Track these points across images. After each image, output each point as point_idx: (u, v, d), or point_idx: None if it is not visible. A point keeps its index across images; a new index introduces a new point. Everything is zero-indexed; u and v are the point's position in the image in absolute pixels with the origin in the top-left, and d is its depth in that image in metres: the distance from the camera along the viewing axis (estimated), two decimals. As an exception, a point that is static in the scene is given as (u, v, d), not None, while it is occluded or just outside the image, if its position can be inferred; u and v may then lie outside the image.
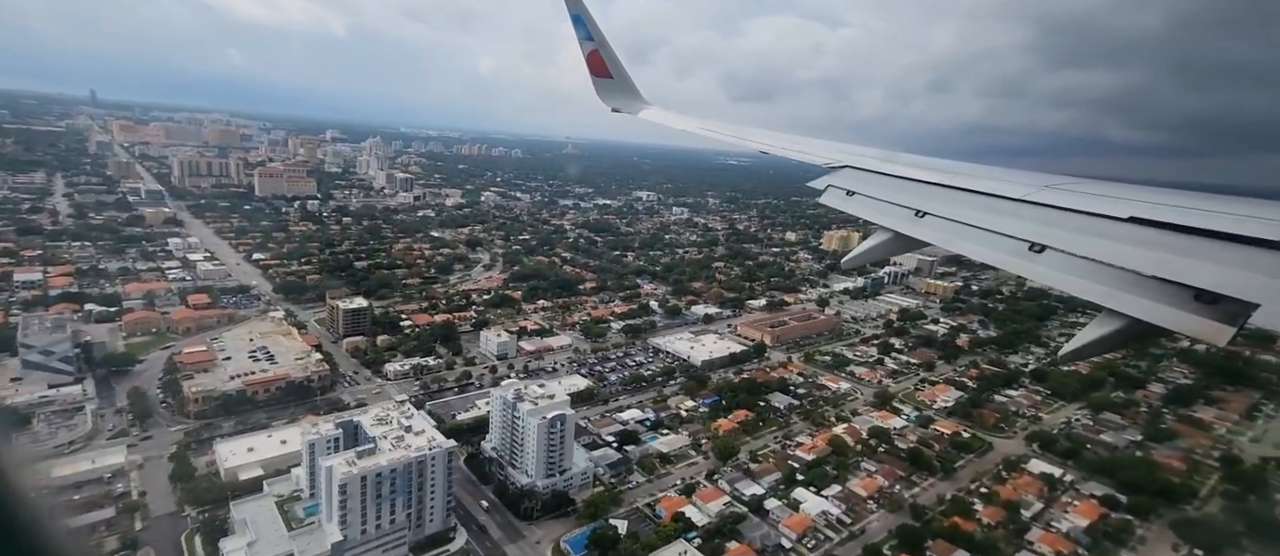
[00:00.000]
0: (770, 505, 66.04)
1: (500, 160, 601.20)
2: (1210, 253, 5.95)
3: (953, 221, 8.88)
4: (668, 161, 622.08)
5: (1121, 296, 6.15)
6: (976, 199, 9.06)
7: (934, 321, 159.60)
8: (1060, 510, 72.21)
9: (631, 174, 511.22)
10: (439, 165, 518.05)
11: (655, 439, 78.53)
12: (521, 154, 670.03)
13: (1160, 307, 5.83)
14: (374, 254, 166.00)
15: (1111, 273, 6.38)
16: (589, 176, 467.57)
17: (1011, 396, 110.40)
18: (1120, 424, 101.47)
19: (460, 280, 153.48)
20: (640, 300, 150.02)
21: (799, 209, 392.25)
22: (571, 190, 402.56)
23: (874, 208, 10.55)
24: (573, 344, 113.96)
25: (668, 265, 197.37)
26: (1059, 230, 7.39)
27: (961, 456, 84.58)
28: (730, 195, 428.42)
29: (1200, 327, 5.51)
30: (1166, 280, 5.88)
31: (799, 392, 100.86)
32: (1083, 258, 6.74)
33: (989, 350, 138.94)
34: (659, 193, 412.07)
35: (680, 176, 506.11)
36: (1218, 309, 5.47)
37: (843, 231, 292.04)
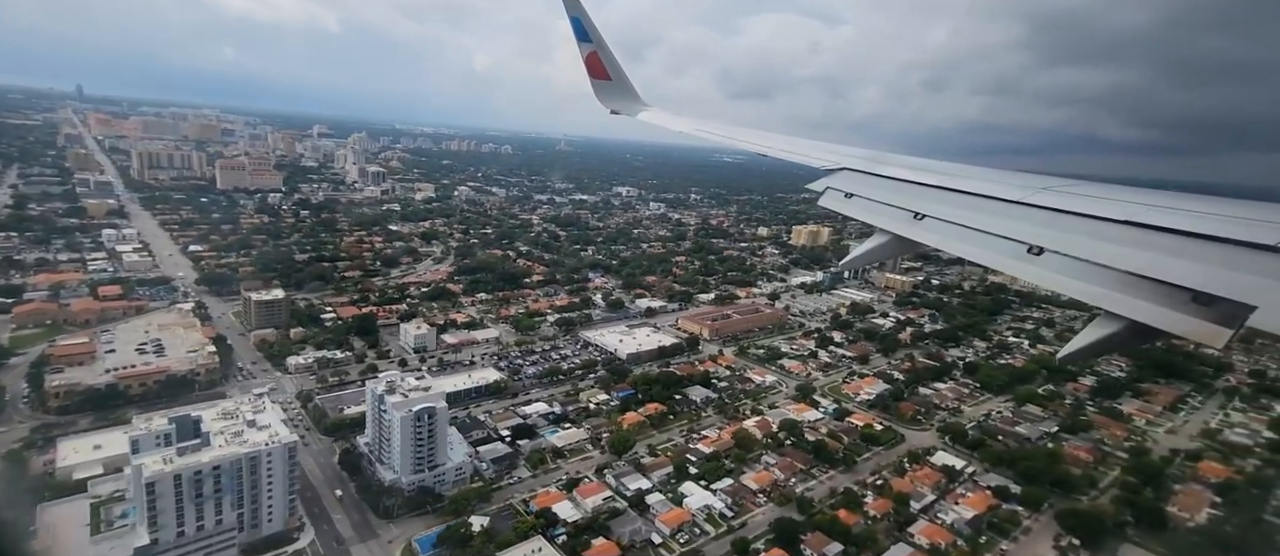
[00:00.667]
0: (653, 499, 64.71)
1: (488, 156, 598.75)
2: (1207, 254, 5.90)
3: (951, 224, 8.84)
4: (661, 159, 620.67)
5: (1119, 298, 6.12)
6: (975, 201, 9.03)
7: (883, 316, 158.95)
8: (951, 501, 71.37)
9: (620, 171, 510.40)
10: (423, 161, 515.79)
11: (554, 433, 76.98)
12: (512, 150, 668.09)
13: (1158, 309, 5.81)
14: (320, 247, 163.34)
15: (1109, 274, 6.35)
16: (575, 173, 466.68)
17: (938, 389, 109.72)
18: (1040, 416, 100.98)
19: (404, 273, 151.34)
20: (587, 294, 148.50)
21: (780, 205, 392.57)
22: (552, 186, 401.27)
23: (873, 210, 10.49)
24: (501, 337, 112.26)
25: (626, 259, 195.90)
26: (1057, 232, 7.37)
27: (869, 449, 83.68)
28: (714, 191, 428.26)
29: (1197, 329, 5.50)
30: (1164, 282, 5.85)
31: (720, 386, 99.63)
32: (1081, 260, 6.71)
33: (930, 344, 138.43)
34: (641, 189, 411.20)
35: (669, 173, 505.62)
36: (1215, 310, 5.46)
37: (812, 227, 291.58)
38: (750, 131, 18.32)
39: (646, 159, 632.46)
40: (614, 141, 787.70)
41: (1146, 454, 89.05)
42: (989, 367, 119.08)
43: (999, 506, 71.58)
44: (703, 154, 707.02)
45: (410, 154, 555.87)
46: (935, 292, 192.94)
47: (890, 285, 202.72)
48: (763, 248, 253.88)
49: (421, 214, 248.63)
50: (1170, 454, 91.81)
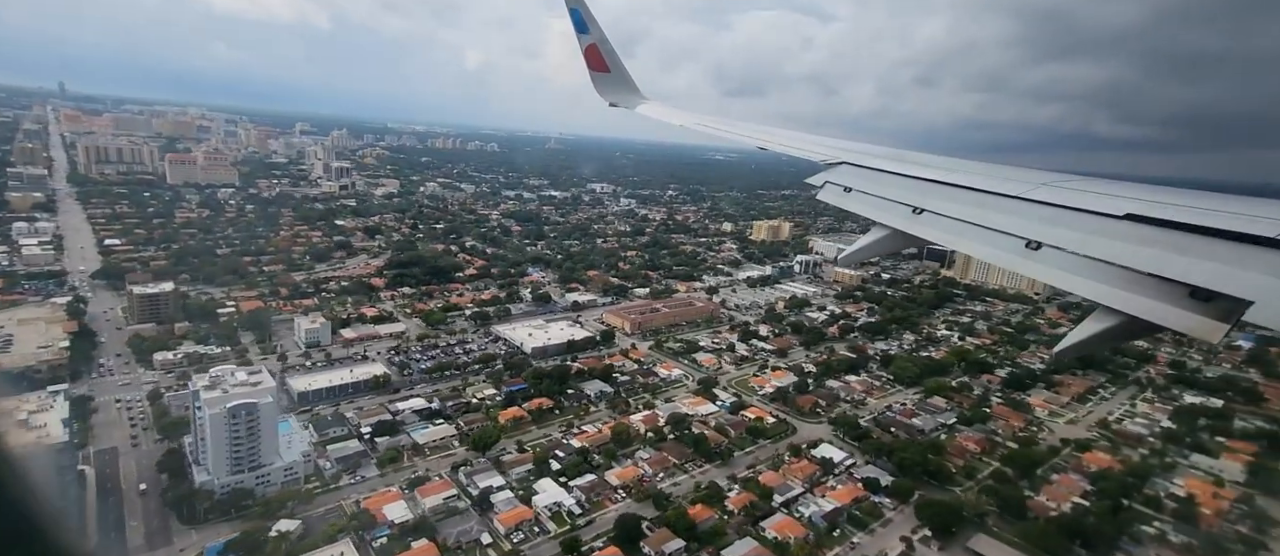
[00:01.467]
0: (501, 498, 62.48)
1: (473, 154, 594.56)
2: (1205, 250, 5.87)
3: (951, 219, 8.74)
4: (651, 157, 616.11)
5: (1117, 293, 6.10)
6: (974, 196, 8.97)
7: (820, 309, 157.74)
8: (819, 494, 69.92)
9: (605, 167, 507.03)
10: (401, 158, 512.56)
11: (424, 429, 74.57)
12: (498, 148, 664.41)
13: (1155, 304, 5.78)
14: (251, 241, 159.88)
15: (1107, 269, 6.33)
16: (554, 169, 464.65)
17: (849, 382, 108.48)
18: (943, 408, 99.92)
19: (332, 267, 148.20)
20: (518, 288, 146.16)
21: (757, 201, 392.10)
22: (526, 182, 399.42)
23: (872, 204, 10.39)
24: (409, 331, 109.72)
25: (573, 254, 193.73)
26: (1056, 228, 7.33)
27: (755, 442, 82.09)
28: (693, 188, 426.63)
29: (1194, 325, 5.47)
30: (1161, 277, 5.84)
31: (621, 380, 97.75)
32: (1078, 255, 6.71)
33: (858, 337, 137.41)
34: (617, 185, 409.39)
35: (654, 170, 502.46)
36: (1212, 306, 5.42)
37: (773, 222, 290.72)
38: (750, 125, 18.21)
39: (636, 156, 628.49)
40: (609, 139, 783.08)
41: (1034, 444, 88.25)
42: (905, 360, 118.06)
43: (866, 498, 70.25)
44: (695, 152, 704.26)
45: (390, 151, 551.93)
46: (883, 287, 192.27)
47: (838, 279, 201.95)
48: (722, 242, 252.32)
49: (375, 209, 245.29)
50: (1060, 444, 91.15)
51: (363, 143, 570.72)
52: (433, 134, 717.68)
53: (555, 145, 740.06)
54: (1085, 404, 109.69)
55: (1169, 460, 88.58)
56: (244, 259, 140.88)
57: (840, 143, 14.28)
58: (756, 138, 16.66)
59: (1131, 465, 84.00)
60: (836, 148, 13.71)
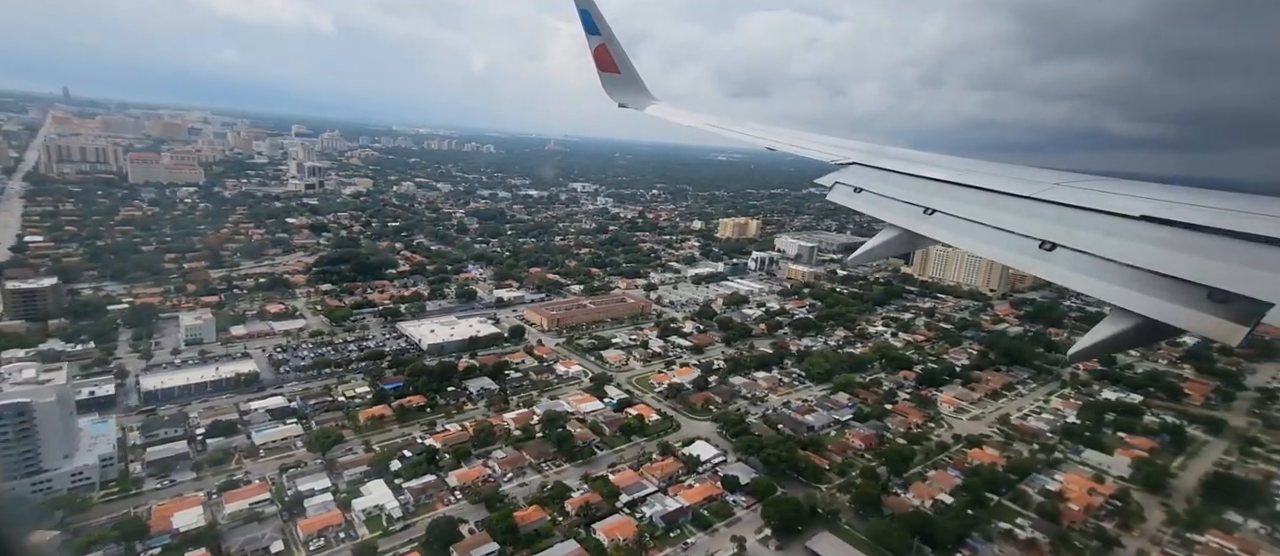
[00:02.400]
0: (318, 501, 59.33)
1: (467, 154, 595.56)
2: (1223, 251, 5.75)
3: (962, 219, 8.54)
4: (650, 157, 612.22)
5: (1132, 295, 5.97)
6: (986, 196, 8.74)
7: (759, 306, 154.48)
8: (672, 493, 66.82)
9: (600, 168, 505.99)
10: (390, 159, 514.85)
11: (268, 429, 71.57)
12: (494, 149, 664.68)
13: (1172, 306, 5.64)
14: (185, 238, 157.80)
15: (1122, 271, 6.20)
16: (541, 170, 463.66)
17: (755, 378, 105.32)
18: (844, 405, 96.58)
19: (259, 264, 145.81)
20: (449, 284, 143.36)
21: (743, 200, 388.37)
22: (508, 181, 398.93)
23: (882, 205, 10.17)
24: (309, 328, 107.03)
25: (520, 251, 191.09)
26: (1070, 228, 7.18)
27: (628, 439, 79.01)
28: (680, 187, 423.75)
29: (1212, 327, 5.35)
30: (1178, 278, 5.70)
31: (512, 377, 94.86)
32: (1094, 256, 6.58)
33: (788, 333, 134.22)
34: (601, 184, 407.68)
35: (648, 171, 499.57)
36: (1230, 308, 5.33)
37: (742, 219, 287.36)
38: (758, 125, 17.88)
39: (636, 157, 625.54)
40: (615, 141, 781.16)
41: (923, 441, 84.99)
42: (819, 356, 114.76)
43: (720, 496, 67.15)
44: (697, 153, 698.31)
45: (382, 153, 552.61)
46: (837, 283, 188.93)
47: (791, 276, 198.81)
48: (685, 240, 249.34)
49: (335, 207, 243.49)
50: (952, 440, 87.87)
51: (356, 144, 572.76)
52: (430, 136, 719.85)
53: (555, 147, 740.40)
54: (998, 400, 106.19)
55: (1058, 456, 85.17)
56: (168, 256, 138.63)
57: (850, 143, 13.86)
58: (765, 138, 16.40)
59: (1014, 461, 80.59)
60: (846, 148, 13.33)
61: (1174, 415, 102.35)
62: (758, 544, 60.86)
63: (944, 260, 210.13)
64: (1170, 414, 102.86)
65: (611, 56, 20.82)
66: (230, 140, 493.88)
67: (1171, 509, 72.54)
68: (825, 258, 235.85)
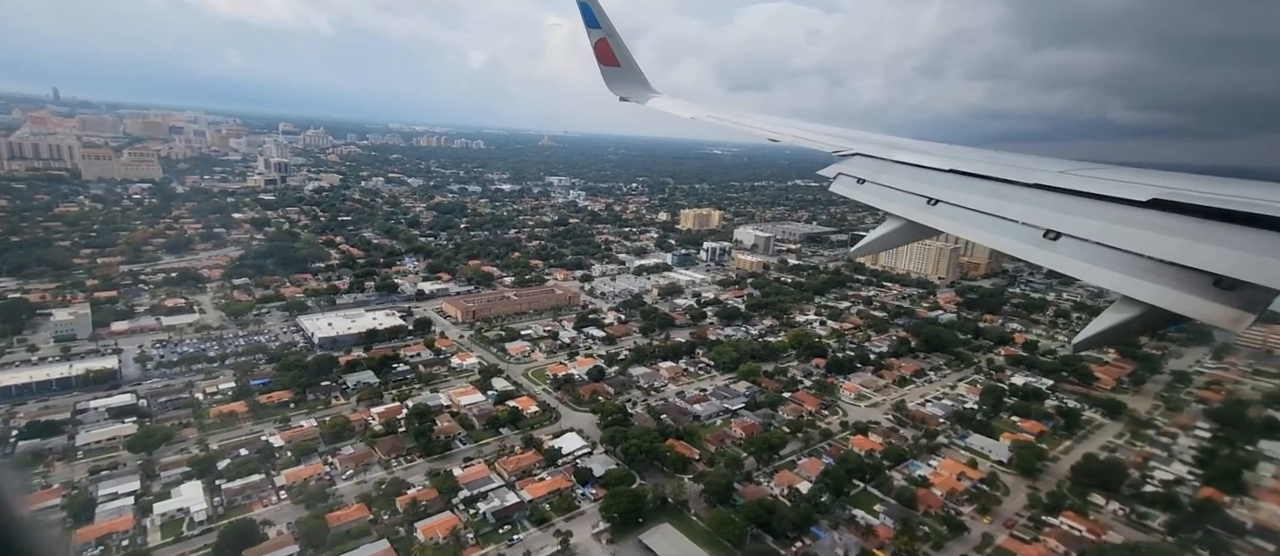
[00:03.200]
0: (115, 505, 55.85)
1: (456, 151, 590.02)
2: (1229, 238, 5.63)
3: (966, 209, 8.40)
4: (646, 152, 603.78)
5: (1138, 283, 5.89)
6: (990, 186, 8.58)
7: (693, 296, 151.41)
8: (519, 488, 63.92)
9: (588, 163, 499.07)
10: (374, 155, 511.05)
11: (96, 429, 67.64)
12: (484, 145, 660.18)
13: (1178, 294, 5.58)
14: (111, 233, 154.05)
15: (1127, 259, 6.11)
16: (524, 165, 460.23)
17: (658, 368, 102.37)
18: (743, 394, 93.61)
19: (180, 259, 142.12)
20: (375, 277, 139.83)
21: (724, 192, 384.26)
22: (484, 176, 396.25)
23: (885, 195, 10.05)
24: (200, 323, 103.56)
25: (463, 244, 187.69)
26: (1074, 216, 7.04)
27: (492, 434, 76.06)
28: (661, 180, 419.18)
29: (1218, 314, 5.30)
30: (1184, 266, 5.63)
31: (401, 370, 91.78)
32: (1098, 244, 6.46)
33: (714, 322, 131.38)
34: (582, 178, 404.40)
35: (633, 165, 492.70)
36: (1237, 295, 5.28)
37: (703, 210, 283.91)
38: (760, 117, 17.68)
39: (629, 152, 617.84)
40: (613, 136, 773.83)
41: (808, 428, 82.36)
42: (729, 345, 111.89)
43: (569, 489, 64.30)
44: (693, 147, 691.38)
45: (365, 150, 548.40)
46: (786, 272, 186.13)
47: (740, 266, 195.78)
48: (645, 231, 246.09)
49: (289, 202, 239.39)
50: (839, 427, 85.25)
51: (343, 142, 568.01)
52: (420, 133, 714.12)
53: (548, 143, 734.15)
54: (905, 386, 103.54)
55: (943, 441, 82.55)
56: (84, 251, 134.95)
57: (853, 133, 13.62)
58: (767, 130, 16.12)
59: (893, 448, 77.93)
60: (849, 138, 13.11)
61: (1078, 399, 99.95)
62: (591, 538, 58.05)
63: (896, 249, 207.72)
64: (1075, 398, 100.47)
65: (612, 50, 20.59)
66: (209, 138, 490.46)
67: (1035, 492, 70.06)
68: (783, 247, 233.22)
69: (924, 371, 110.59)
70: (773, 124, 16.77)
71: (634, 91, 21.47)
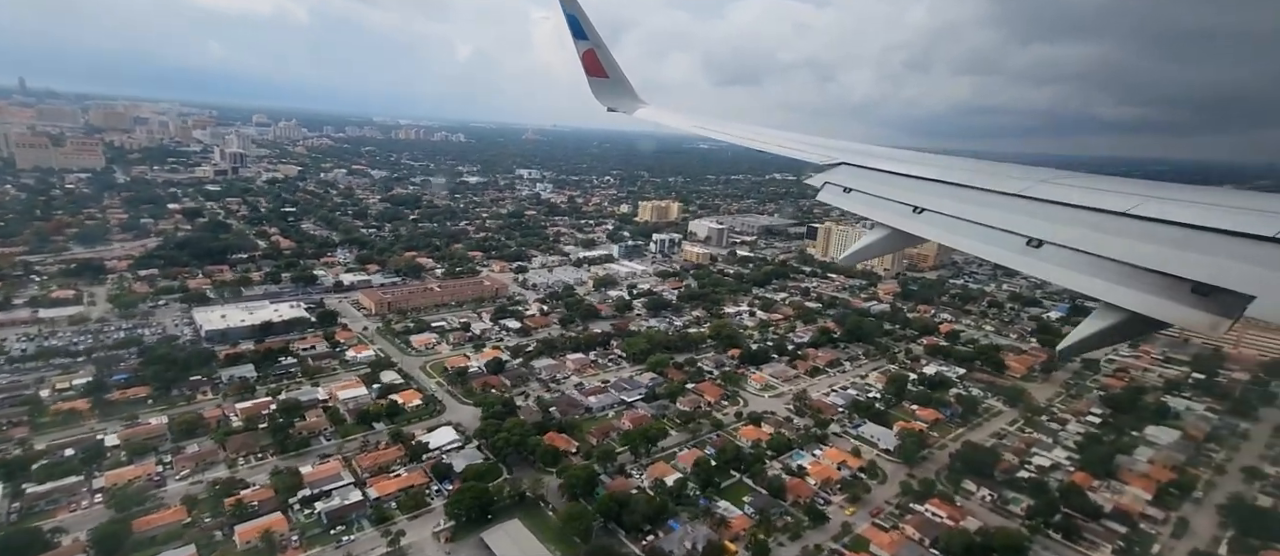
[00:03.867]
0: None
1: (432, 144, 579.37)
2: (1206, 245, 5.74)
3: (950, 217, 8.48)
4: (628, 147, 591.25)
5: (1119, 290, 5.94)
6: (974, 194, 8.73)
7: (629, 288, 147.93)
8: (370, 485, 60.05)
9: (564, 156, 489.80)
10: (346, 148, 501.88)
11: None
12: (465, 138, 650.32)
13: (1156, 300, 5.64)
14: (23, 223, 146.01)
15: (1108, 266, 6.16)
16: (498, 158, 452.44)
17: (565, 360, 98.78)
18: (646, 385, 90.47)
19: (91, 249, 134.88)
20: (297, 268, 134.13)
21: (696, 184, 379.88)
22: (454, 168, 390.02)
23: (871, 204, 10.10)
24: (83, 315, 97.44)
25: (401, 235, 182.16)
26: (1056, 225, 7.13)
27: (364, 429, 71.91)
28: (636, 174, 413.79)
29: (1197, 320, 5.37)
30: (1163, 273, 5.70)
31: (288, 363, 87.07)
32: (1080, 251, 6.50)
33: (640, 314, 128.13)
34: (555, 171, 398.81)
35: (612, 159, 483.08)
36: (1214, 301, 5.34)
37: (663, 202, 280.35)
38: (746, 127, 17.66)
39: (614, 146, 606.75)
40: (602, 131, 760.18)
41: (701, 418, 79.82)
42: (643, 336, 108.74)
43: (423, 485, 60.59)
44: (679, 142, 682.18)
45: (336, 142, 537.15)
46: (734, 263, 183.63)
47: (688, 258, 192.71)
48: (600, 223, 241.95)
49: (235, 192, 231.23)
50: (736, 417, 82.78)
51: (317, 134, 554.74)
52: (398, 126, 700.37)
53: (533, 136, 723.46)
54: (816, 376, 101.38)
55: (836, 431, 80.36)
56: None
57: (838, 143, 13.63)
58: (751, 139, 16.21)
59: (780, 438, 75.47)
60: (834, 148, 13.11)
61: (984, 387, 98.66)
62: (430, 538, 54.45)
63: (844, 240, 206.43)
64: (982, 386, 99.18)
65: (599, 61, 20.52)
66: (172, 129, 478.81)
67: (909, 481, 68.08)
68: (738, 240, 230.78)
69: (840, 362, 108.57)
70: (756, 133, 16.49)
71: (621, 102, 21.38)
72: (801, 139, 14.91)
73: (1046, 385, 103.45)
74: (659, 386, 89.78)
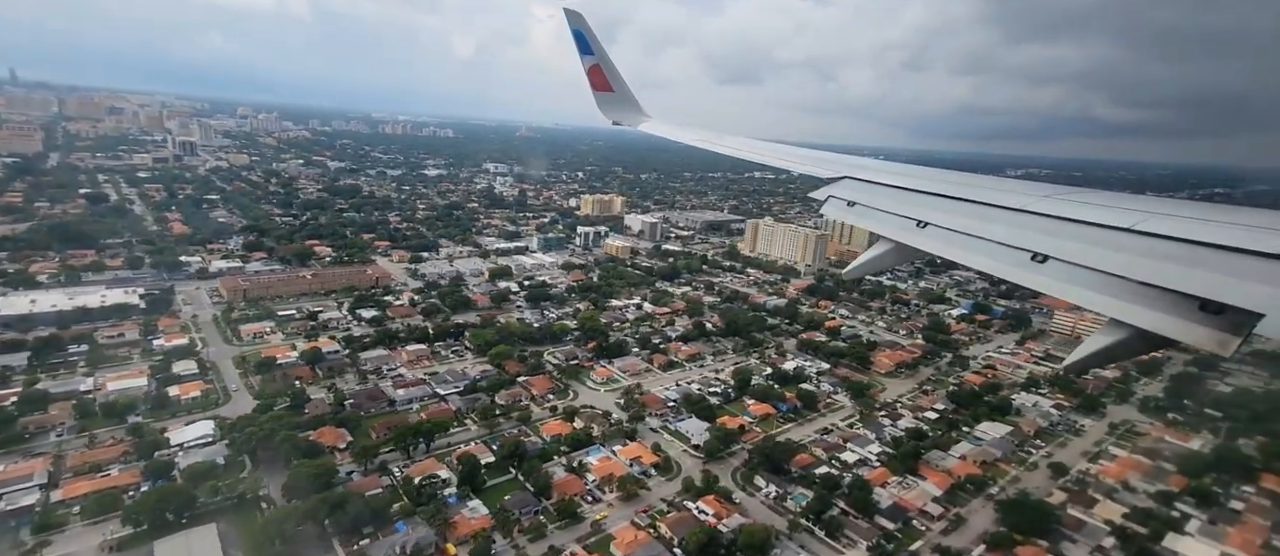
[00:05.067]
0: None
1: (416, 139, 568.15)
2: (1214, 262, 5.55)
3: (954, 231, 8.25)
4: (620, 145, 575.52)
5: (1125, 306, 5.73)
6: (978, 209, 8.54)
7: (523, 281, 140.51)
8: (46, 488, 52.47)
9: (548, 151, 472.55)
10: (320, 140, 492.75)
11: None
12: (453, 134, 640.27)
13: (1165, 317, 5.44)
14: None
15: (1115, 282, 5.96)
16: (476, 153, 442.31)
17: (401, 351, 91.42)
18: (469, 378, 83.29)
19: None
20: (170, 254, 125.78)
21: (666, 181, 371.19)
22: (423, 161, 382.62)
23: (875, 218, 9.84)
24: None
25: (310, 223, 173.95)
26: (1061, 240, 6.91)
27: (122, 421, 64.25)
28: (609, 170, 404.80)
29: (1205, 337, 5.16)
30: (1171, 290, 5.50)
31: (78, 352, 79.21)
32: (1086, 267, 6.31)
33: (523, 305, 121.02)
34: (519, 166, 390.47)
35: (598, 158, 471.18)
36: (1223, 319, 5.15)
37: (606, 197, 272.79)
38: (748, 141, 17.59)
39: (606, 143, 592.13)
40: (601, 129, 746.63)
41: (508, 413, 73.16)
42: (487, 328, 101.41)
43: (127, 486, 53.14)
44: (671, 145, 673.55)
45: (314, 135, 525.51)
46: (657, 257, 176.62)
47: (610, 251, 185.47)
48: (541, 216, 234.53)
49: (168, 179, 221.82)
50: (550, 411, 76.01)
51: (301, 127, 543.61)
52: (389, 121, 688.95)
53: (527, 133, 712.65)
54: (671, 370, 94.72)
55: (653, 426, 73.90)
56: None
57: (842, 157, 13.39)
58: (752, 154, 15.99)
59: (577, 433, 68.81)
60: (839, 162, 12.90)
61: (838, 382, 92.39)
62: (94, 548, 47.03)
63: (773, 237, 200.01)
64: (835, 381, 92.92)
65: (605, 76, 20.39)
66: (142, 119, 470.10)
67: (690, 479, 61.63)
68: (674, 233, 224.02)
69: (702, 356, 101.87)
70: (758, 148, 16.42)
71: (626, 116, 21.26)
72: (803, 153, 14.60)
73: (907, 380, 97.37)
74: (479, 381, 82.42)
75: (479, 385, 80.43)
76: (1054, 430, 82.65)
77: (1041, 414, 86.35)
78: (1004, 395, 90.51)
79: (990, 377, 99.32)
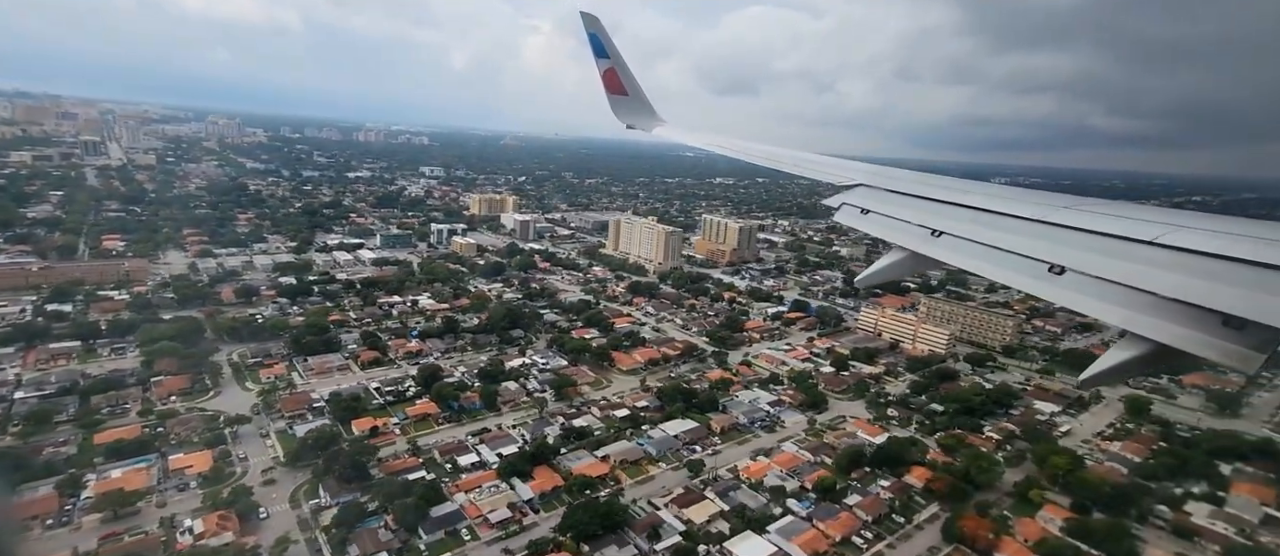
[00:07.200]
0: None
1: (381, 147, 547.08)
2: (1238, 277, 5.27)
3: (970, 241, 7.81)
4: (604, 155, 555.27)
5: (1145, 320, 5.44)
6: (993, 219, 8.02)
7: (321, 274, 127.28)
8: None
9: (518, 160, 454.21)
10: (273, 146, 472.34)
11: None
12: (427, 142, 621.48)
13: (1186, 332, 5.14)
14: None
15: (1134, 296, 5.63)
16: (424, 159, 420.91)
17: (52, 349, 77.73)
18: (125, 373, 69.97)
19: None
20: None
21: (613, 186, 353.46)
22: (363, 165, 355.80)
23: (889, 226, 9.29)
24: None
25: (123, 218, 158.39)
26: (1079, 251, 6.47)
27: None
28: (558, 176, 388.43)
29: (1227, 353, 4.89)
30: (1192, 304, 5.20)
31: None
32: (1104, 280, 5.95)
33: (281, 301, 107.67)
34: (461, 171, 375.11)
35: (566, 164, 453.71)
36: (1246, 335, 4.86)
37: (498, 196, 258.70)
38: (765, 146, 16.88)
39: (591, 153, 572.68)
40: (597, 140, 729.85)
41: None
42: (173, 324, 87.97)
43: None
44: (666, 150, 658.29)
45: (269, 140, 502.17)
46: (502, 257, 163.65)
47: (457, 249, 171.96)
48: (432, 216, 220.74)
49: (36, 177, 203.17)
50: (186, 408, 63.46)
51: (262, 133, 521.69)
52: (355, 127, 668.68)
53: (511, 143, 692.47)
54: (370, 369, 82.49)
55: (258, 430, 61.87)
56: None
57: (855, 164, 12.90)
58: (770, 159, 15.26)
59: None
60: (851, 169, 12.28)
61: (554, 378, 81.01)
62: None
63: (631, 234, 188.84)
64: (559, 377, 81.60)
65: (620, 80, 19.37)
66: (79, 123, 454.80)
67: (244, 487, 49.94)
68: (554, 233, 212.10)
69: (428, 352, 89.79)
70: (775, 153, 15.60)
71: (640, 120, 20.09)
72: (819, 160, 13.86)
73: (646, 377, 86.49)
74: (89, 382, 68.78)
75: (79, 386, 66.75)
76: (749, 427, 72.22)
77: (747, 411, 75.81)
78: (734, 391, 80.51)
79: (737, 374, 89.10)
